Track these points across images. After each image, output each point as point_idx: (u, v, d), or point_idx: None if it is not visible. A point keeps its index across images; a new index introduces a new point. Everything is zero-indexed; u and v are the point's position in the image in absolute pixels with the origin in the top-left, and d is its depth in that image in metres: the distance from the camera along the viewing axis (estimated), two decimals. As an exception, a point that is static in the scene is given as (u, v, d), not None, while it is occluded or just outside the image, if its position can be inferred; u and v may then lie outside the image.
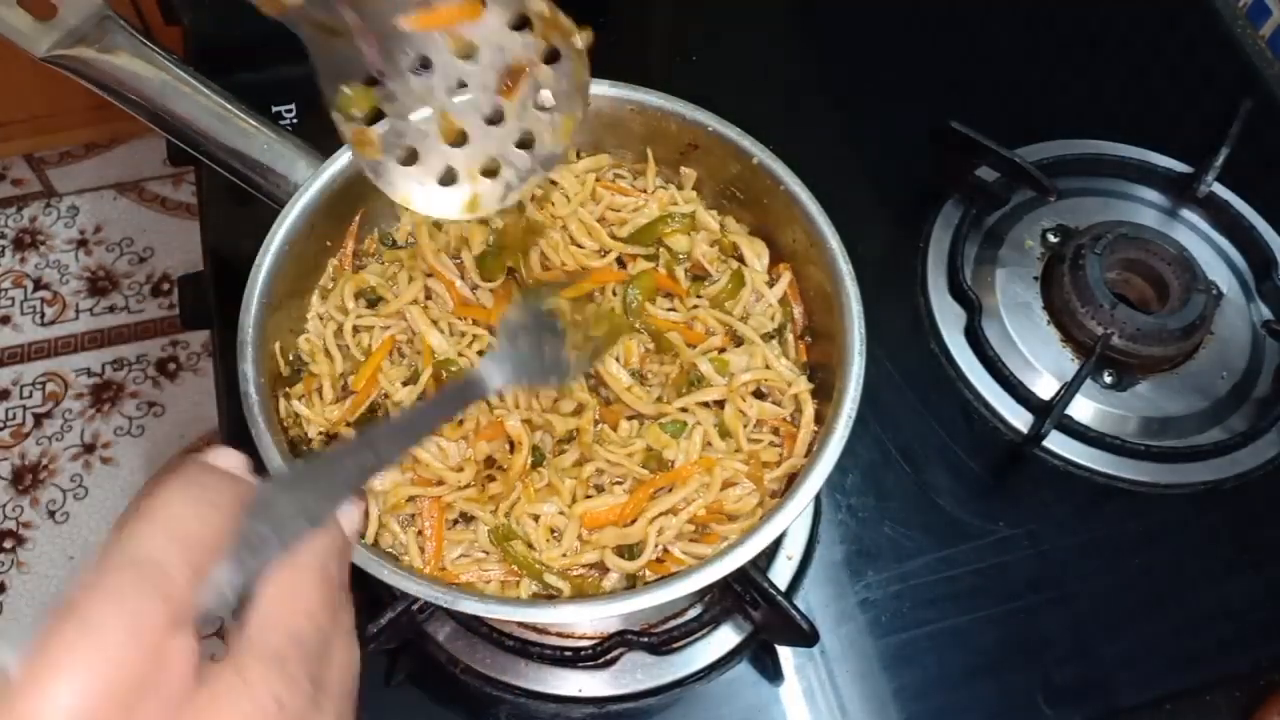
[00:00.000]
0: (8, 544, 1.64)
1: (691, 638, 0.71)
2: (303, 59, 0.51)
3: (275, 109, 0.89)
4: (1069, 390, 0.79)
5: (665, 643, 0.69)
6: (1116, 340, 0.82)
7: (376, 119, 0.54)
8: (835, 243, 0.65)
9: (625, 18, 1.07)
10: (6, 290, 1.85)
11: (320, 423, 0.65)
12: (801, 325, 0.71)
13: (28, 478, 1.69)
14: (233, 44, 0.45)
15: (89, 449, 1.71)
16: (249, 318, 0.62)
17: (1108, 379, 0.84)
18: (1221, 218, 0.93)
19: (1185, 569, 0.78)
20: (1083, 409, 0.82)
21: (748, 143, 0.68)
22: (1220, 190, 0.93)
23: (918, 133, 0.90)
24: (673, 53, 1.04)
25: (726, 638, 0.72)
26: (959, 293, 0.87)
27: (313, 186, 0.65)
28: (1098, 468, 0.80)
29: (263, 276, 0.63)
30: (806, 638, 0.63)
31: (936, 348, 0.86)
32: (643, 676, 0.71)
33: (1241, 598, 0.77)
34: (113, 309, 1.84)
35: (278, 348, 0.66)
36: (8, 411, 1.74)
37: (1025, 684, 0.72)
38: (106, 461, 1.70)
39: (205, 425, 1.73)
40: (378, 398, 0.65)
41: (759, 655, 0.72)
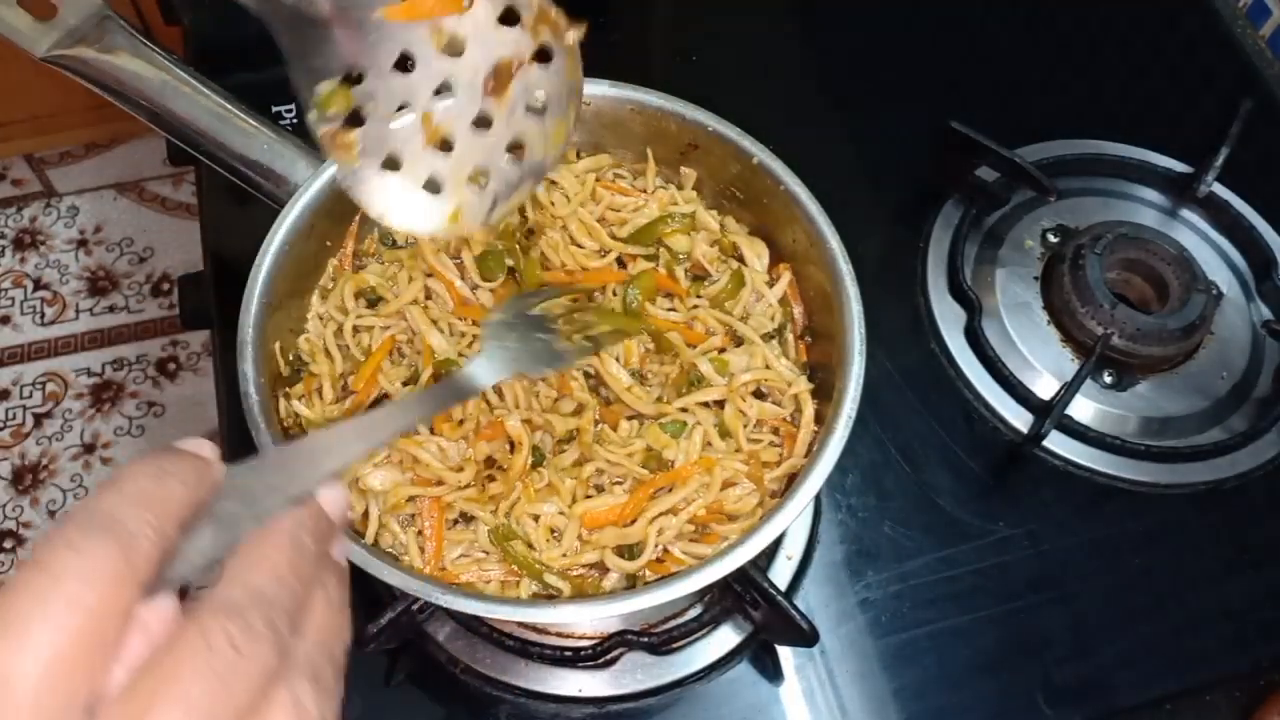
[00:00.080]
0: (8, 544, 1.64)
1: (691, 638, 0.71)
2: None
3: (275, 109, 0.89)
4: (1069, 390, 0.79)
5: (665, 643, 0.69)
6: (1116, 340, 0.82)
7: (355, 121, 0.50)
8: (835, 243, 0.65)
9: (625, 17, 1.07)
10: (6, 290, 1.85)
11: (320, 423, 0.65)
12: (801, 325, 0.71)
13: (28, 478, 1.69)
14: (233, 44, 0.45)
15: (89, 449, 1.71)
16: (249, 318, 0.62)
17: (1108, 379, 0.84)
18: (1221, 218, 0.93)
19: (1185, 569, 0.78)
20: (1083, 409, 0.82)
21: (748, 143, 0.68)
22: (1220, 190, 0.93)
23: (918, 133, 0.90)
24: (673, 53, 1.04)
25: (726, 638, 0.72)
26: (959, 293, 0.87)
27: (313, 186, 0.65)
28: (1098, 468, 0.80)
29: (263, 276, 0.63)
30: (806, 638, 0.63)
31: (936, 348, 0.86)
32: (643, 676, 0.71)
33: (1241, 598, 0.77)
34: (113, 309, 1.84)
35: (278, 348, 0.66)
36: (8, 411, 1.74)
37: (1025, 684, 0.72)
38: (106, 462, 1.70)
39: (205, 425, 1.73)
40: (378, 398, 0.65)
41: (759, 655, 0.72)
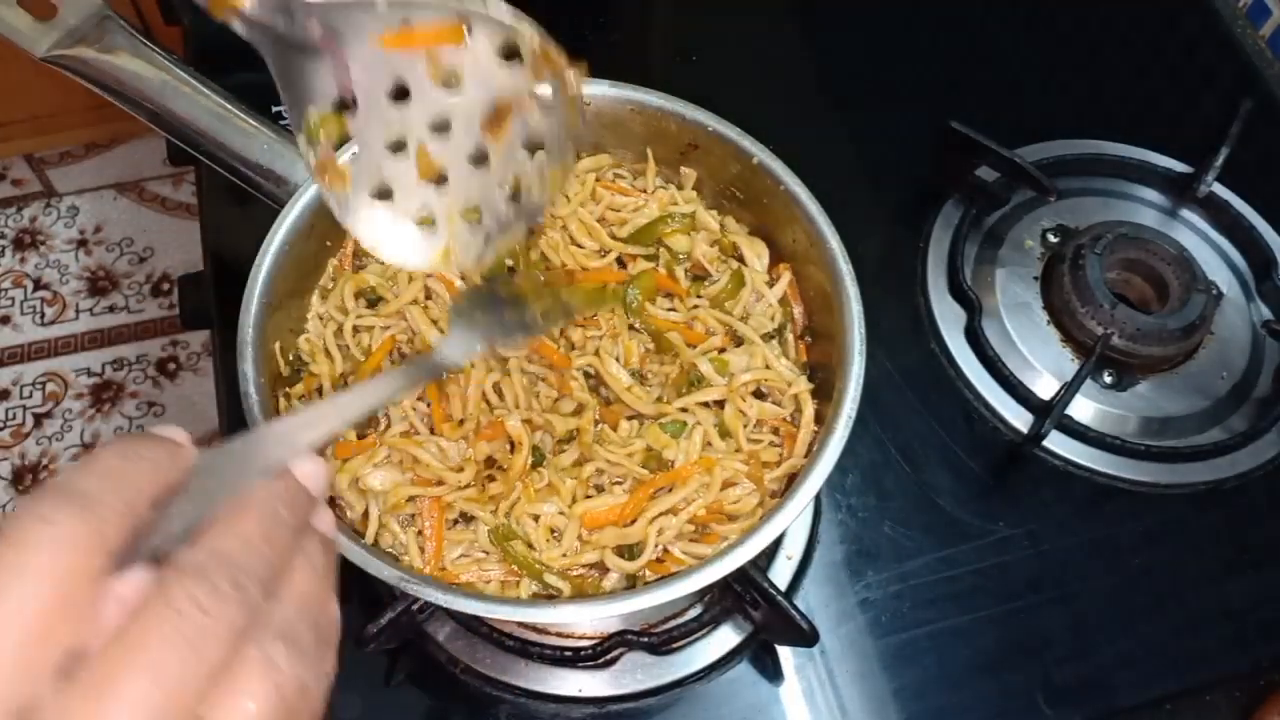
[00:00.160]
0: (8, 544, 1.64)
1: (691, 638, 0.71)
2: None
3: (275, 109, 0.88)
4: (1069, 390, 0.79)
5: (665, 643, 0.69)
6: (1116, 340, 0.82)
7: (347, 147, 0.49)
8: (835, 243, 0.65)
9: (625, 17, 1.08)
10: (6, 290, 1.85)
11: (320, 423, 0.64)
12: (801, 325, 0.71)
13: (28, 478, 1.69)
14: (233, 44, 0.44)
15: (89, 449, 1.71)
16: (249, 318, 0.62)
17: (1108, 379, 0.84)
18: (1221, 218, 0.93)
19: (1185, 569, 0.78)
20: (1083, 409, 0.82)
21: (748, 143, 0.68)
22: (1220, 190, 0.93)
23: (918, 133, 0.90)
24: (673, 53, 1.04)
25: (726, 638, 0.72)
26: (959, 293, 0.87)
27: (313, 186, 0.65)
28: (1098, 468, 0.80)
29: (263, 276, 0.63)
30: (806, 638, 0.63)
31: (936, 348, 0.86)
32: (643, 676, 0.71)
33: (1241, 598, 0.77)
34: (113, 309, 1.84)
35: (278, 348, 0.66)
36: (8, 411, 1.74)
37: (1025, 684, 0.72)
38: (106, 461, 1.70)
39: (205, 425, 1.73)
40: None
41: (759, 655, 0.72)
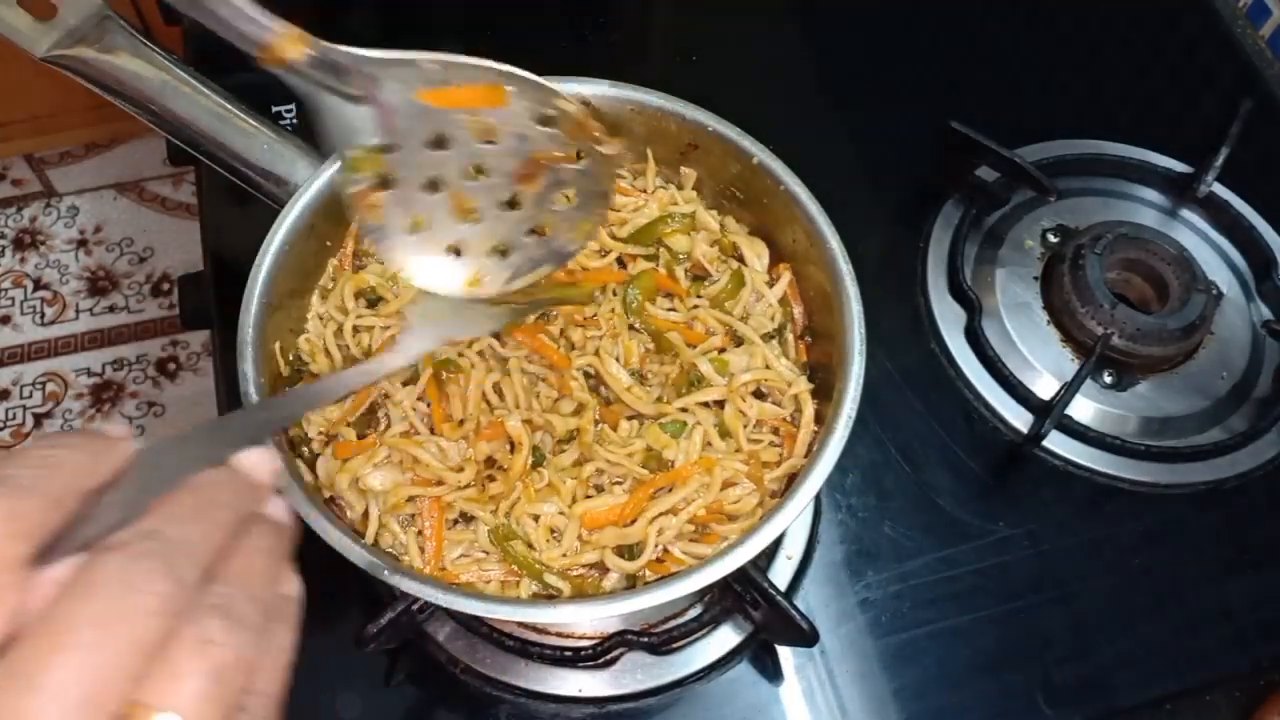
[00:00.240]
0: (8, 544, 1.64)
1: (691, 638, 0.71)
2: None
3: (275, 109, 0.89)
4: (1069, 390, 0.79)
5: (665, 643, 0.69)
6: (1116, 340, 0.82)
7: (384, 185, 0.52)
8: (835, 243, 0.65)
9: (625, 17, 1.08)
10: (6, 290, 1.85)
11: (320, 423, 0.65)
12: (801, 325, 0.71)
13: (28, 478, 1.69)
14: (233, 44, 0.45)
15: (89, 449, 1.71)
16: (249, 318, 0.62)
17: (1108, 379, 0.84)
18: (1221, 218, 0.93)
19: (1185, 569, 0.78)
20: (1083, 409, 0.82)
21: (748, 143, 0.68)
22: (1220, 190, 0.93)
23: (918, 133, 0.90)
24: (673, 53, 1.04)
25: (726, 638, 0.72)
26: (959, 293, 0.87)
27: (313, 186, 0.65)
28: (1098, 468, 0.80)
29: (263, 276, 0.63)
30: (806, 638, 0.63)
31: (936, 348, 0.86)
32: (643, 676, 0.71)
33: (1241, 598, 0.77)
34: (113, 309, 1.84)
35: (278, 348, 0.66)
36: (8, 411, 1.74)
37: (1025, 684, 0.72)
38: (106, 461, 1.70)
39: (205, 425, 1.73)
40: (377, 398, 0.65)
41: (759, 655, 0.72)
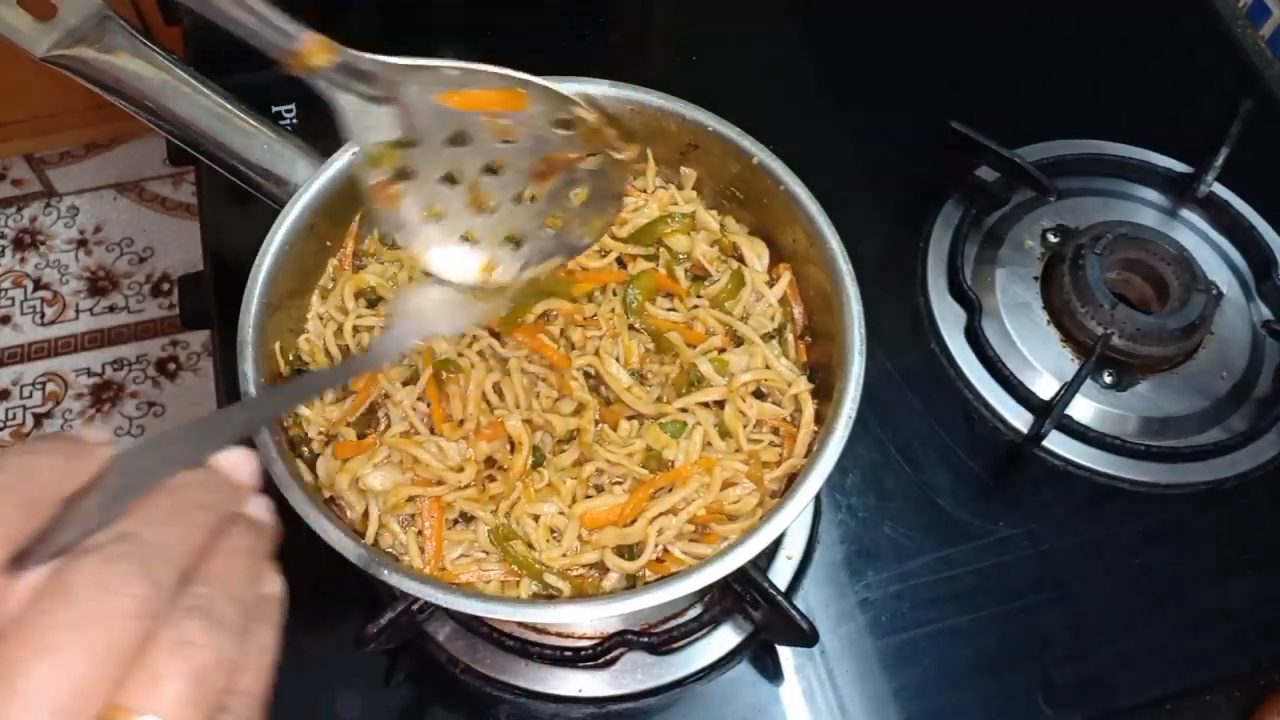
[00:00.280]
0: (8, 544, 1.63)
1: (691, 638, 0.71)
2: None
3: (275, 109, 0.89)
4: (1069, 390, 0.79)
5: (665, 643, 0.69)
6: (1116, 340, 0.82)
7: (403, 175, 0.54)
8: (835, 243, 0.65)
9: (625, 17, 1.08)
10: (6, 290, 1.85)
11: (320, 423, 0.65)
12: (801, 325, 0.71)
13: (28, 478, 1.69)
14: (233, 44, 0.45)
15: (89, 449, 1.71)
16: (249, 318, 0.62)
17: (1108, 379, 0.84)
18: (1221, 218, 0.93)
19: (1185, 569, 0.78)
20: (1083, 409, 0.82)
21: (748, 143, 0.68)
22: (1220, 190, 0.93)
23: (918, 133, 0.90)
24: (673, 53, 1.04)
25: (726, 638, 0.72)
26: (959, 293, 0.87)
27: (313, 186, 0.65)
28: (1098, 468, 0.80)
29: (263, 276, 0.63)
30: (806, 638, 0.63)
31: (936, 348, 0.86)
32: (643, 676, 0.71)
33: (1241, 598, 0.77)
34: (113, 309, 1.84)
35: (278, 348, 0.66)
36: (8, 411, 1.74)
37: (1025, 684, 0.72)
38: (106, 461, 1.70)
39: (205, 425, 1.73)
40: (378, 398, 0.65)
41: (759, 655, 0.72)
